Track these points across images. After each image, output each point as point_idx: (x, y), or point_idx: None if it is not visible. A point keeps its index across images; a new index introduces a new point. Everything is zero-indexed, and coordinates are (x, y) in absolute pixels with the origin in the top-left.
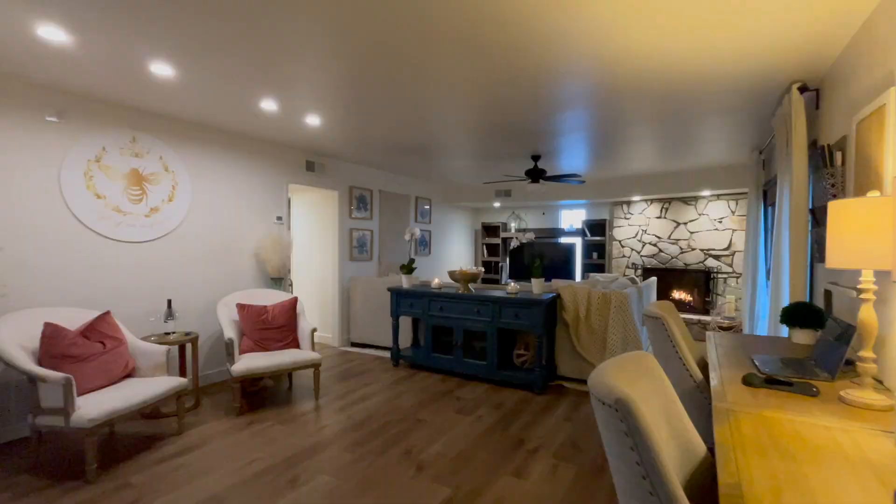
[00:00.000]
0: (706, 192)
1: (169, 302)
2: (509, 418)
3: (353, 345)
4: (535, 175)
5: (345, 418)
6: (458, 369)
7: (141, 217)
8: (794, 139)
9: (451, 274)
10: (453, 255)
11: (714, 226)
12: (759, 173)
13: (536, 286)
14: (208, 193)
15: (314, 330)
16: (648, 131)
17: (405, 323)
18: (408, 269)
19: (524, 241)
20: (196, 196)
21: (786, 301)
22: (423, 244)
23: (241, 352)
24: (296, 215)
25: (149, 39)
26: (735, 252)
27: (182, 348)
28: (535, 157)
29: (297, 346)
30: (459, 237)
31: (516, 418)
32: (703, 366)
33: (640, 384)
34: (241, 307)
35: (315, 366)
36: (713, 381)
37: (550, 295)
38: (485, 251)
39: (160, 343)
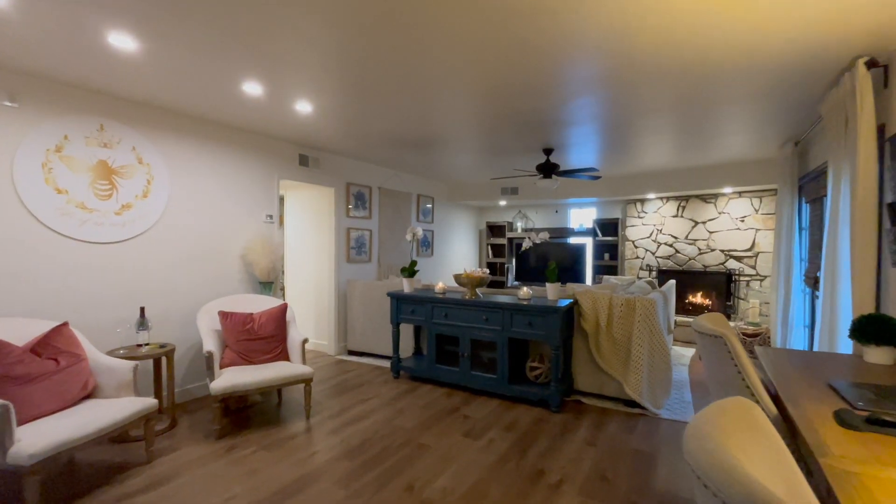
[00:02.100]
0: (727, 189)
1: (142, 310)
2: (525, 443)
3: (351, 353)
4: (548, 170)
5: (338, 442)
6: (465, 383)
7: (110, 215)
8: (859, 123)
9: (457, 278)
10: (457, 256)
11: (736, 225)
12: (794, 167)
13: (552, 291)
14: (189, 189)
15: (305, 340)
16: (667, 122)
17: (406, 330)
18: (409, 271)
19: (538, 241)
20: (175, 192)
21: (846, 311)
22: (426, 244)
23: (223, 365)
24: (289, 214)
25: (101, 2)
26: (759, 253)
27: (157, 362)
28: (548, 151)
29: (287, 358)
30: (463, 237)
31: (533, 443)
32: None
33: (753, 453)
34: (224, 315)
35: (306, 381)
36: (797, 420)
37: (567, 301)
38: (490, 252)
39: (129, 357)
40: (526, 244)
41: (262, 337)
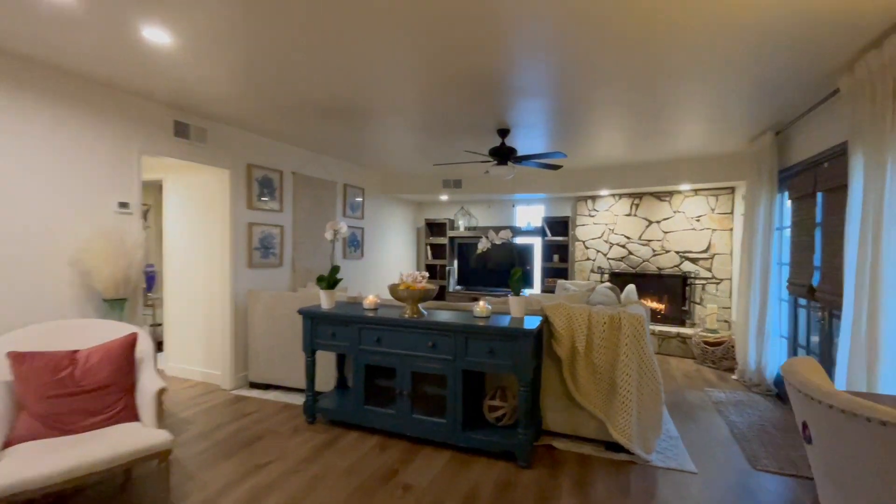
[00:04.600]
0: (685, 187)
1: None
2: None
3: (253, 386)
4: (504, 155)
5: None
6: (404, 430)
7: None
8: None
9: (393, 290)
10: (392, 257)
11: (691, 225)
12: (773, 159)
13: (516, 307)
14: None
15: (162, 391)
16: (628, 101)
17: (325, 358)
18: (328, 281)
19: (498, 242)
20: None
21: (893, 338)
22: (354, 244)
23: (13, 441)
24: (170, 203)
25: None
26: (715, 255)
27: None
28: (503, 133)
29: (135, 417)
30: (399, 236)
31: None
32: None
33: None
34: (19, 358)
35: (160, 456)
36: None
37: (537, 320)
38: (429, 253)
39: None
40: (482, 245)
41: (88, 389)
